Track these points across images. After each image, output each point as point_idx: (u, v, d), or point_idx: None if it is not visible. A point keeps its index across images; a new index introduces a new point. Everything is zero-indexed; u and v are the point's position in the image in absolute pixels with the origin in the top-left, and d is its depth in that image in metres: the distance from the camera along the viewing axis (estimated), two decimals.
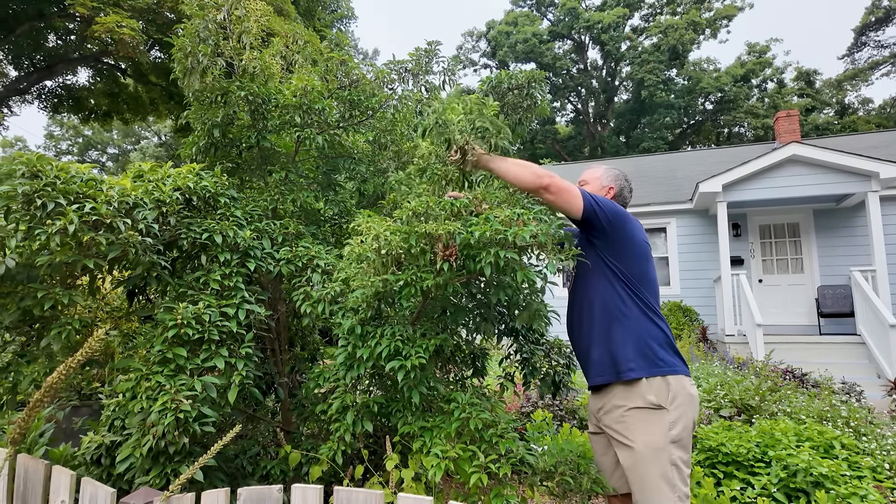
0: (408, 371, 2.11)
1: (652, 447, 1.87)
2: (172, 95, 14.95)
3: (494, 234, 1.90)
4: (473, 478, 2.00)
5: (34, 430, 2.92)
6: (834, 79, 30.85)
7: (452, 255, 1.99)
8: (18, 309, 2.08)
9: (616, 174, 2.38)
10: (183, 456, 2.12)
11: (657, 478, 1.85)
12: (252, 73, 3.01)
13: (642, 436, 1.89)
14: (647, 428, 1.89)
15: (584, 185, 2.33)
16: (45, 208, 1.98)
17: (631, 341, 1.97)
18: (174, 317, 2.20)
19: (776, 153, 8.75)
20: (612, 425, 1.99)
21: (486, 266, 1.90)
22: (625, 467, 1.93)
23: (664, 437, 1.88)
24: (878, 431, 3.88)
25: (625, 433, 1.93)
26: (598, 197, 2.03)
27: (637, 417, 1.92)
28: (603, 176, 2.36)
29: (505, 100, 3.56)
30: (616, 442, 1.99)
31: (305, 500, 1.63)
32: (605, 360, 2.02)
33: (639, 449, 1.88)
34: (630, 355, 1.96)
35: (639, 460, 1.88)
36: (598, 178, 2.35)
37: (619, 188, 2.35)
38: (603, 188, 2.32)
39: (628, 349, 1.97)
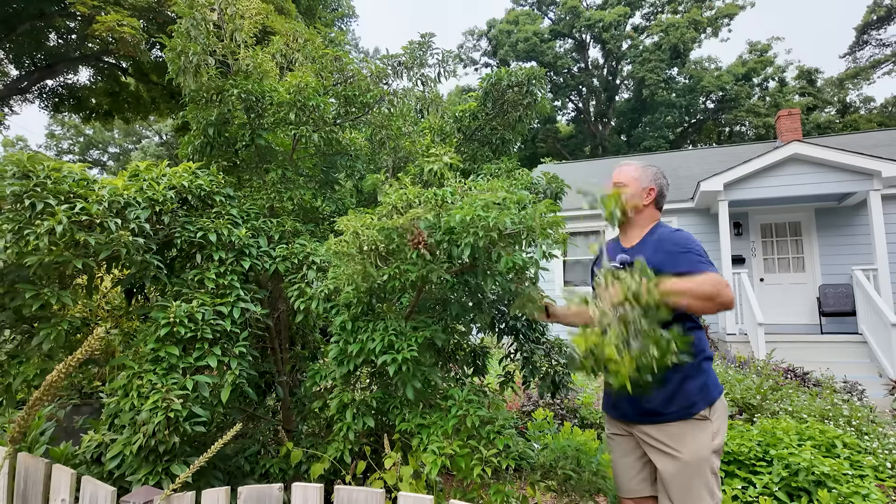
0: (399, 364, 2.11)
1: (698, 457, 1.88)
2: (173, 94, 14.94)
3: (476, 220, 1.89)
4: (476, 470, 1.99)
5: (35, 429, 2.92)
6: (835, 77, 30.77)
7: (421, 243, 1.98)
8: (9, 309, 2.08)
9: (654, 172, 2.20)
10: (173, 455, 2.11)
11: (700, 487, 1.87)
12: (246, 72, 3.00)
13: (689, 446, 1.89)
14: (694, 438, 1.90)
15: (621, 188, 2.15)
16: (35, 208, 1.97)
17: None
18: (167, 315, 2.19)
19: (778, 152, 8.73)
20: (655, 434, 1.96)
21: (466, 247, 1.89)
22: (666, 475, 1.91)
23: (708, 447, 1.90)
24: (880, 430, 3.87)
25: (670, 443, 1.91)
26: (704, 259, 1.90)
27: (685, 428, 1.91)
28: (641, 177, 2.18)
29: (505, 97, 3.56)
30: (655, 450, 1.96)
31: (306, 499, 1.63)
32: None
33: (686, 459, 1.88)
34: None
35: (684, 470, 1.88)
36: (637, 180, 2.17)
37: (659, 187, 2.19)
38: (643, 190, 2.15)
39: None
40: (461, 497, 2.21)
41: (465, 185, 2.20)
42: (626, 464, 2.12)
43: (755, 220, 10.19)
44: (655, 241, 2.06)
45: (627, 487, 2.11)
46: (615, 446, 2.17)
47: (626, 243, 2.17)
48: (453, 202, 2.09)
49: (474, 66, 36.39)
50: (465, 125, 3.69)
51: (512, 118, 3.58)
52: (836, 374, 6.63)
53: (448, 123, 3.60)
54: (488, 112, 3.61)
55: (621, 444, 2.14)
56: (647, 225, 2.15)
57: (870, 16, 27.63)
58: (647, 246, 2.07)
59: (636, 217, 2.15)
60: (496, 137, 3.66)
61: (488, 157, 3.66)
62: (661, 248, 1.99)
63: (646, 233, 2.13)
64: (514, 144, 3.84)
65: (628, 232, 2.19)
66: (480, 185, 2.19)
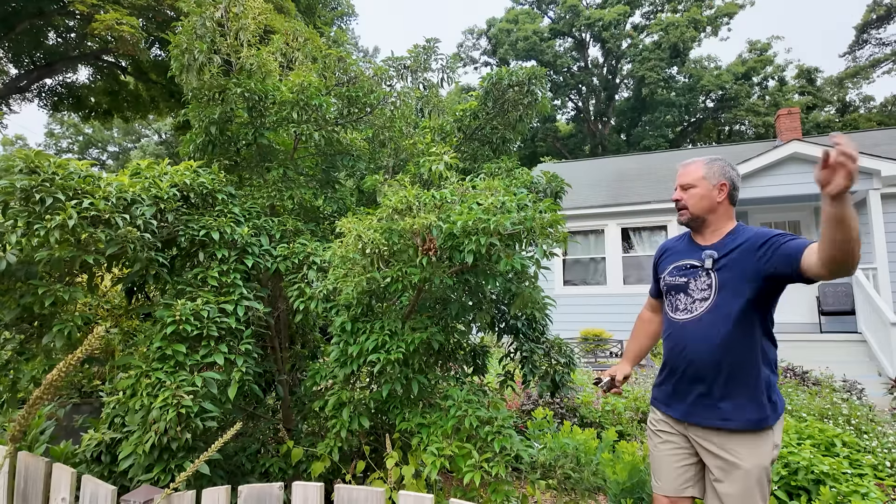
0: (383, 364, 2.11)
1: (759, 465, 1.86)
2: (173, 93, 14.92)
3: (477, 223, 1.89)
4: (467, 476, 2.00)
5: (35, 428, 2.92)
6: (835, 76, 30.75)
7: (431, 249, 1.99)
8: (18, 306, 2.08)
9: (721, 165, 2.05)
10: (186, 451, 2.12)
11: (757, 495, 1.85)
12: (249, 71, 3.00)
13: (753, 455, 1.86)
14: (757, 447, 1.87)
15: (690, 190, 2.04)
16: (44, 203, 1.98)
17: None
18: (172, 313, 2.20)
19: (777, 151, 8.73)
20: (718, 440, 1.91)
21: (469, 254, 1.90)
22: (725, 481, 1.88)
23: (769, 456, 1.88)
24: (880, 429, 3.87)
25: (735, 450, 1.87)
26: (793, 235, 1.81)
27: (751, 438, 1.88)
28: (709, 174, 2.03)
29: (505, 97, 3.56)
30: (715, 456, 1.91)
31: (306, 499, 1.63)
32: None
33: (748, 467, 1.85)
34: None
35: (745, 477, 1.85)
36: (705, 179, 2.03)
37: (731, 180, 2.04)
38: (714, 188, 2.02)
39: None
40: (461, 496, 2.22)
41: (464, 186, 2.19)
42: (671, 462, 2.06)
43: (755, 219, 10.19)
44: (753, 235, 1.92)
45: (670, 486, 2.05)
46: (661, 444, 2.10)
47: (703, 242, 2.05)
48: (452, 202, 2.09)
49: (474, 66, 36.37)
50: (466, 124, 3.69)
51: (512, 117, 3.58)
52: (836, 373, 6.63)
53: (448, 123, 3.60)
54: (489, 111, 3.61)
55: (670, 441, 2.08)
56: (725, 222, 2.04)
57: (869, 15, 27.63)
58: (736, 241, 1.95)
59: (710, 217, 2.04)
60: (496, 137, 3.66)
61: (488, 157, 3.67)
62: (751, 241, 1.89)
63: (727, 232, 2.02)
64: (515, 143, 3.84)
65: (703, 232, 2.07)
66: (479, 185, 2.19)
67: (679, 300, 2.05)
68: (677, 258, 2.12)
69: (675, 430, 2.07)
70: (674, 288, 2.07)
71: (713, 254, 1.96)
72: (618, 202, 10.70)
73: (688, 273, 2.03)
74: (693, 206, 2.04)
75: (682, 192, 2.08)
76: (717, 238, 2.02)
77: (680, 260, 2.10)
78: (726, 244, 1.97)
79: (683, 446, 2.05)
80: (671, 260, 2.15)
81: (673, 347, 2.05)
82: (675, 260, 2.12)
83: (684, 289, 2.03)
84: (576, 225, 10.93)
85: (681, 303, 2.04)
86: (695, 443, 1.99)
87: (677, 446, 2.06)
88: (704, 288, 1.97)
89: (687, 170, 2.09)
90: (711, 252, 1.97)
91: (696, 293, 1.99)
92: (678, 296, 2.05)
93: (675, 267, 2.10)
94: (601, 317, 10.06)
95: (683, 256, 2.09)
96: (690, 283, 2.01)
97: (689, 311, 2.00)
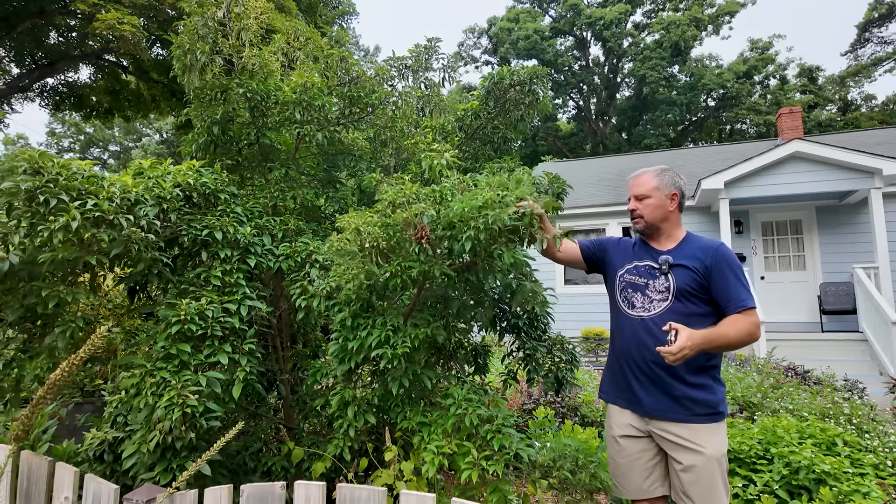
0: (389, 359, 2.11)
1: (719, 453, 1.96)
2: (174, 92, 14.92)
3: (473, 212, 1.89)
4: (465, 474, 2.01)
5: (38, 427, 2.93)
6: (837, 75, 30.69)
7: (424, 237, 1.99)
8: (22, 306, 2.09)
9: (671, 175, 2.21)
10: (189, 451, 2.13)
11: (720, 482, 1.94)
12: (251, 71, 3.01)
13: (712, 443, 1.96)
14: (715, 435, 1.98)
15: (645, 200, 2.18)
16: (48, 204, 1.98)
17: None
18: (177, 313, 2.20)
19: (779, 150, 8.72)
20: (681, 432, 2.00)
21: (467, 241, 1.90)
22: (690, 471, 1.96)
23: (725, 443, 2.00)
24: (881, 428, 3.87)
25: (697, 440, 1.97)
26: (747, 287, 2.02)
27: (709, 427, 1.98)
28: (661, 184, 2.18)
29: (507, 96, 3.56)
30: (679, 447, 1.99)
31: (308, 498, 1.63)
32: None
33: (710, 454, 1.94)
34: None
35: (708, 464, 1.94)
36: (658, 189, 2.17)
37: (680, 189, 2.20)
38: (667, 198, 2.17)
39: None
40: (461, 495, 2.22)
41: (464, 182, 2.20)
42: (639, 465, 2.11)
43: (756, 218, 10.19)
44: (700, 246, 2.11)
45: (641, 488, 2.10)
46: (627, 447, 2.14)
47: (659, 247, 2.19)
48: (452, 197, 2.09)
49: (475, 64, 36.35)
50: (467, 124, 3.70)
51: (514, 117, 3.58)
52: (837, 373, 6.63)
53: (450, 122, 3.60)
54: (490, 111, 3.61)
55: (635, 444, 2.13)
56: (676, 230, 2.20)
57: (871, 13, 27.56)
58: (688, 249, 2.12)
59: (664, 224, 2.18)
60: (498, 136, 3.66)
61: (490, 156, 3.67)
62: (708, 256, 2.05)
63: (680, 239, 2.18)
64: (516, 143, 3.84)
65: (658, 238, 2.21)
66: (479, 181, 2.20)
67: (636, 298, 2.16)
68: (632, 258, 2.24)
69: (639, 433, 2.13)
70: (631, 286, 2.18)
71: (669, 259, 2.10)
72: (619, 201, 10.70)
73: (646, 274, 2.15)
74: (648, 216, 2.17)
75: (636, 202, 2.20)
76: (672, 244, 2.17)
77: (637, 260, 2.21)
78: (681, 250, 2.12)
79: (646, 447, 2.11)
80: (626, 258, 2.26)
81: (629, 343, 2.14)
82: (630, 260, 2.24)
83: (642, 289, 2.14)
84: (577, 224, 10.94)
85: (637, 301, 2.15)
86: (657, 438, 2.06)
87: (642, 448, 2.12)
88: (662, 290, 2.08)
89: (639, 180, 2.22)
90: (667, 257, 2.11)
91: (653, 294, 2.11)
92: (635, 294, 2.16)
93: (633, 266, 2.21)
94: (602, 316, 10.05)
95: (639, 258, 2.21)
96: (649, 284, 2.12)
97: (646, 310, 2.11)
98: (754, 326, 1.94)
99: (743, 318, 1.95)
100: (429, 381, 2.32)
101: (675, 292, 2.05)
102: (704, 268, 2.03)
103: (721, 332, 1.93)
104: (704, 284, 2.03)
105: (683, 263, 2.07)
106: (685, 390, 1.99)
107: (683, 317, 2.00)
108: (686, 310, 2.03)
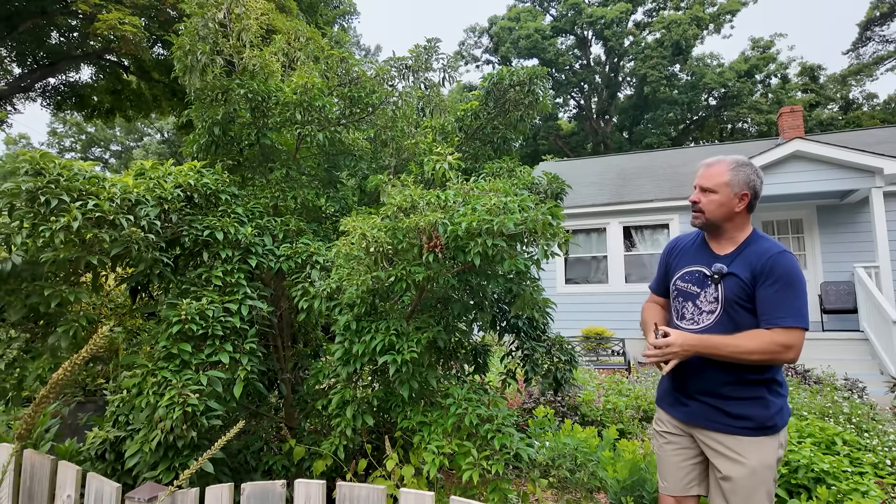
0: (398, 365, 2.13)
1: (765, 465, 1.85)
2: (175, 92, 14.94)
3: (482, 224, 1.91)
4: (466, 474, 2.02)
5: (40, 426, 2.95)
6: (838, 74, 30.63)
7: (437, 247, 2.00)
8: (24, 306, 2.10)
9: (747, 174, 1.96)
10: (191, 450, 2.14)
11: (763, 495, 1.85)
12: (252, 71, 3.02)
13: (758, 455, 1.86)
14: (763, 447, 1.87)
15: (710, 195, 1.97)
16: (49, 205, 2.00)
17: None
18: (178, 312, 2.22)
19: (780, 149, 8.71)
20: (725, 441, 1.91)
21: (476, 256, 1.91)
22: (731, 481, 1.88)
23: (775, 455, 1.88)
24: (881, 428, 3.88)
25: (741, 451, 1.87)
26: (803, 308, 1.82)
27: (757, 440, 1.88)
28: (733, 181, 1.94)
29: (506, 96, 3.57)
30: (721, 456, 1.91)
31: (308, 496, 1.64)
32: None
33: (754, 466, 1.85)
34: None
35: (750, 477, 1.85)
36: (728, 186, 1.94)
37: (753, 190, 1.96)
38: (735, 196, 1.94)
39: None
40: (461, 494, 2.23)
41: (467, 186, 2.21)
42: (676, 462, 2.07)
43: (757, 217, 10.18)
44: (758, 251, 1.91)
45: (676, 486, 2.05)
46: (667, 444, 2.10)
47: (718, 250, 2.01)
48: (456, 203, 2.11)
49: (475, 64, 36.33)
50: (467, 124, 3.70)
51: (514, 117, 3.59)
52: (837, 372, 6.63)
53: (450, 122, 3.61)
54: (490, 111, 3.62)
55: (675, 442, 2.08)
56: (739, 231, 1.99)
57: (873, 12, 27.50)
58: (747, 255, 1.92)
59: (727, 224, 1.98)
60: (498, 136, 3.67)
61: (490, 156, 3.68)
62: (759, 262, 1.87)
63: (742, 241, 1.97)
64: (516, 143, 3.85)
65: (718, 238, 2.02)
66: (482, 186, 2.21)
67: (686, 308, 2.02)
68: (689, 262, 2.07)
69: (680, 432, 2.07)
70: (683, 294, 2.04)
71: (722, 268, 1.93)
72: (620, 200, 10.69)
73: (698, 282, 2.00)
74: (710, 213, 1.97)
75: (700, 193, 2.00)
76: (731, 247, 1.98)
77: (691, 265, 2.05)
78: (738, 256, 1.93)
79: (688, 446, 2.05)
80: (683, 262, 2.10)
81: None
82: (687, 264, 2.08)
83: (693, 298, 2.00)
84: (578, 223, 10.93)
85: (688, 311, 2.02)
86: (700, 442, 2.00)
87: (681, 447, 2.06)
88: (712, 301, 1.94)
89: (710, 171, 1.99)
90: (721, 267, 1.93)
91: (703, 305, 1.97)
92: (686, 304, 2.03)
93: (686, 272, 2.06)
94: (603, 315, 10.07)
95: (695, 261, 2.05)
96: (700, 295, 1.98)
97: (695, 322, 1.98)
98: (777, 346, 1.75)
99: (765, 333, 1.78)
100: (434, 381, 2.34)
101: (724, 304, 1.89)
102: (752, 276, 1.85)
103: (728, 341, 1.79)
104: (752, 295, 1.85)
105: (735, 273, 1.89)
106: (734, 407, 1.87)
107: (734, 331, 1.86)
108: (736, 325, 1.87)
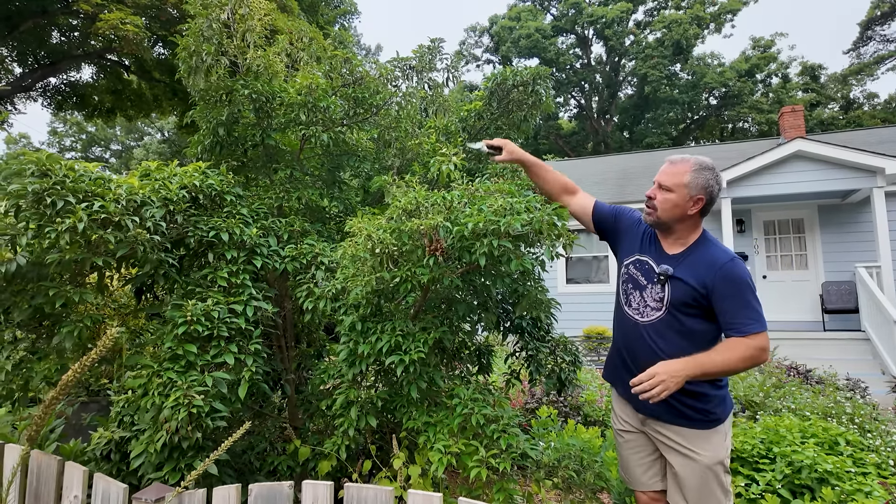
0: (406, 366, 2.13)
1: (715, 457, 1.90)
2: (176, 92, 14.95)
3: (488, 225, 1.91)
4: (473, 472, 2.02)
5: (45, 427, 2.95)
6: (839, 73, 30.61)
7: (438, 250, 2.01)
8: (30, 307, 2.11)
9: (707, 179, 1.93)
10: (196, 451, 2.15)
11: (716, 486, 1.90)
12: (256, 72, 3.02)
13: (707, 448, 1.91)
14: (710, 440, 1.92)
15: (666, 193, 1.96)
16: (55, 206, 2.00)
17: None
18: (184, 314, 2.22)
19: (781, 149, 8.71)
20: (672, 435, 1.96)
21: (481, 257, 1.91)
22: (683, 475, 1.93)
23: (723, 447, 1.93)
24: (883, 428, 3.88)
25: (689, 445, 1.92)
26: (758, 312, 1.83)
27: (703, 432, 1.93)
28: (691, 183, 1.92)
29: (510, 97, 3.57)
30: (672, 450, 1.97)
31: (316, 497, 1.65)
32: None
33: (704, 460, 1.90)
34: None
35: (702, 470, 1.90)
36: (686, 187, 1.92)
37: (710, 195, 1.94)
38: (691, 199, 1.92)
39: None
40: (466, 494, 2.24)
41: (472, 187, 2.21)
42: (637, 459, 2.13)
43: (758, 217, 10.18)
44: (706, 259, 1.91)
45: (640, 481, 2.12)
46: (625, 443, 2.17)
47: (667, 248, 2.02)
48: (461, 204, 2.11)
49: (476, 63, 36.33)
50: (470, 124, 3.71)
51: (517, 118, 3.59)
52: (839, 372, 6.63)
53: (453, 123, 3.61)
54: (493, 112, 3.63)
55: (632, 440, 2.15)
56: (689, 234, 1.99)
57: (874, 11, 27.48)
58: (694, 260, 1.94)
59: (678, 225, 1.99)
60: (501, 136, 3.67)
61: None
62: (710, 274, 1.87)
63: (690, 244, 1.98)
64: (518, 143, 3.85)
65: (667, 237, 2.03)
66: (487, 187, 2.21)
67: (634, 297, 2.06)
68: (643, 250, 2.07)
69: (634, 429, 2.13)
70: (632, 282, 2.07)
71: (668, 269, 1.94)
72: (620, 200, 10.69)
73: (646, 274, 2.03)
74: (663, 212, 1.97)
75: (657, 189, 2.00)
76: (680, 248, 1.99)
77: (644, 254, 2.06)
78: (686, 259, 1.95)
79: (645, 443, 2.11)
80: (636, 246, 2.10)
81: (628, 338, 2.07)
82: (641, 251, 2.08)
83: (641, 289, 2.03)
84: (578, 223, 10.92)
85: (634, 300, 2.05)
86: (654, 439, 2.05)
87: (639, 444, 2.12)
88: (657, 300, 1.97)
89: (672, 169, 1.98)
90: (667, 268, 1.95)
91: (649, 300, 2.00)
92: (634, 292, 2.06)
93: (638, 260, 2.07)
94: (604, 315, 10.06)
95: (647, 252, 2.06)
96: (647, 288, 2.01)
97: (641, 315, 2.01)
98: (756, 351, 1.78)
99: (742, 342, 1.79)
100: (441, 381, 2.35)
101: (669, 306, 1.93)
102: (704, 286, 1.86)
103: (710, 359, 1.80)
104: (704, 304, 1.87)
105: (682, 278, 1.90)
106: (678, 395, 1.86)
107: (678, 332, 1.91)
108: (682, 326, 1.91)
